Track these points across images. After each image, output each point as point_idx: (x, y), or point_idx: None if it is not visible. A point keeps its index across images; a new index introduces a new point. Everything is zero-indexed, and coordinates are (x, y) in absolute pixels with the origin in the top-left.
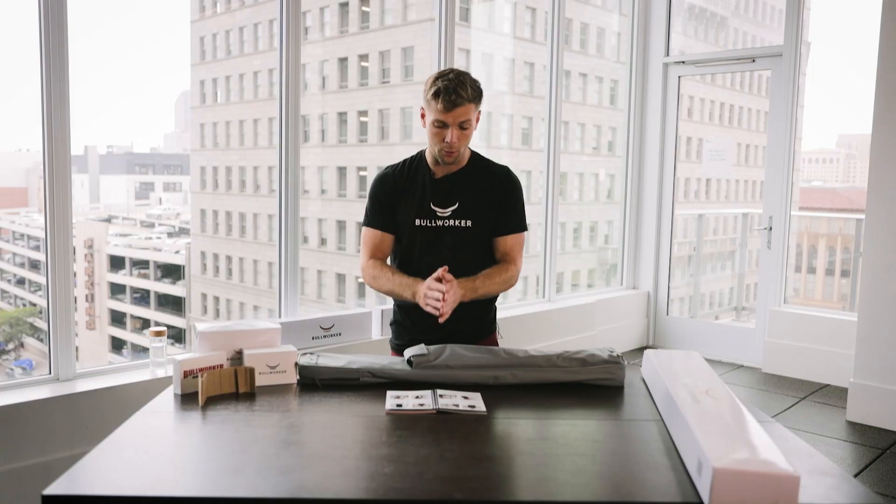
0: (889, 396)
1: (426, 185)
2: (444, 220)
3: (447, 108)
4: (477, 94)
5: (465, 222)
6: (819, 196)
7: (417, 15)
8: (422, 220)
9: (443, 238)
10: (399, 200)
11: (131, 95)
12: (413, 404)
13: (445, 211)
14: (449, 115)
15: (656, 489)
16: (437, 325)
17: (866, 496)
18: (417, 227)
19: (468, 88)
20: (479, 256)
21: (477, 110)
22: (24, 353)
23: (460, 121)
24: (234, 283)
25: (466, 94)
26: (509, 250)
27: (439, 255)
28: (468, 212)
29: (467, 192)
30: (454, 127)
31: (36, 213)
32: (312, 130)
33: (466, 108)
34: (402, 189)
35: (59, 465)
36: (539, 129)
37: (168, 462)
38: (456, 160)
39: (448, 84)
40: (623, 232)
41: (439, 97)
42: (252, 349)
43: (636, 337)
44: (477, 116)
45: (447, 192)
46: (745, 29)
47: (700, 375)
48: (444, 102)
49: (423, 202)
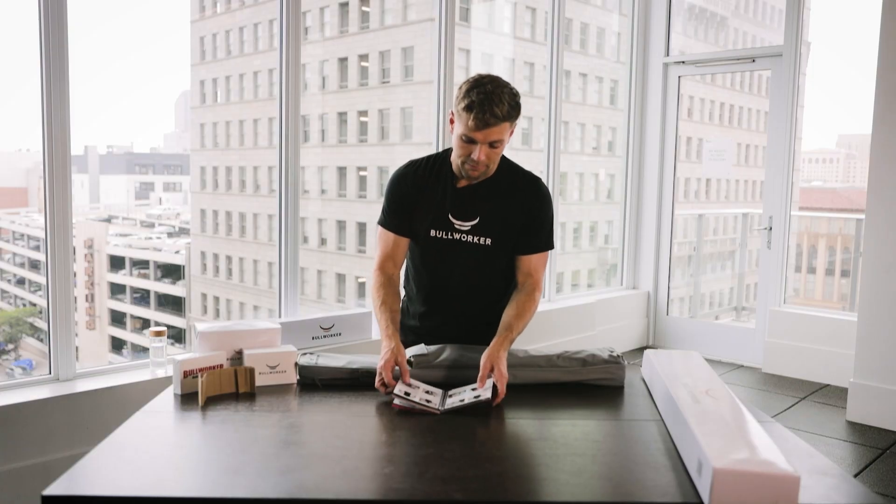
0: (889, 396)
1: (447, 193)
2: (462, 235)
3: (478, 127)
4: (514, 111)
5: (484, 240)
6: (819, 196)
7: (417, 15)
8: (437, 231)
9: (459, 253)
10: (417, 203)
11: (131, 95)
12: (421, 398)
13: (465, 225)
14: (479, 134)
15: (656, 489)
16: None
17: (866, 496)
18: (432, 238)
19: (505, 106)
20: (499, 275)
21: (512, 127)
22: (24, 353)
23: (491, 140)
24: (234, 283)
25: (502, 112)
26: (533, 271)
27: (454, 272)
28: (489, 229)
29: (491, 206)
30: (483, 145)
31: (36, 213)
32: (312, 130)
33: (500, 128)
34: (422, 190)
35: (59, 465)
36: (539, 129)
37: (168, 462)
38: (481, 178)
39: (483, 99)
40: (623, 232)
41: (472, 112)
42: (252, 349)
43: (636, 337)
44: (511, 131)
45: (469, 205)
46: (745, 29)
47: (700, 375)
48: (476, 120)
49: (441, 211)
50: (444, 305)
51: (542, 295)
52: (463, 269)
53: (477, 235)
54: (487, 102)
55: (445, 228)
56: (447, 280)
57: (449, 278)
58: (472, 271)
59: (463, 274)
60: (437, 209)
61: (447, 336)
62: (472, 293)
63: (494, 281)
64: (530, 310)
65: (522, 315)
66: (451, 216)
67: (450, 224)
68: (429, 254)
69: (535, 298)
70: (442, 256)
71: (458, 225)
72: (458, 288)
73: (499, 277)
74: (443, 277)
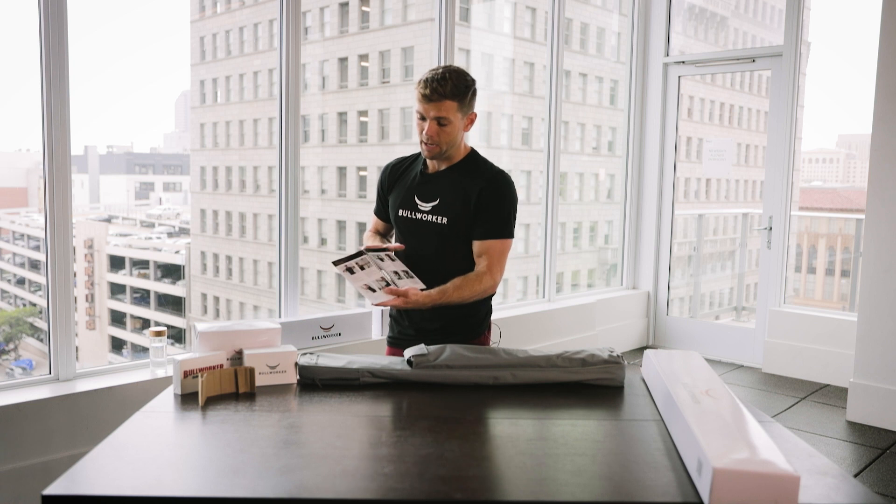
0: (889, 396)
1: (415, 178)
2: (423, 215)
3: (423, 99)
4: (459, 92)
5: (441, 219)
6: (819, 196)
7: (417, 15)
8: (404, 210)
9: (422, 232)
10: (393, 190)
11: (131, 95)
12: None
13: (426, 206)
14: (425, 107)
15: (656, 489)
16: (426, 320)
17: (866, 496)
18: (400, 217)
19: (448, 84)
20: (460, 255)
21: (461, 111)
22: (24, 353)
23: (436, 116)
24: (234, 283)
25: (445, 89)
26: (483, 256)
27: (420, 249)
28: (445, 209)
29: (449, 189)
30: (431, 120)
31: (36, 213)
32: (312, 130)
33: (443, 104)
34: (398, 179)
35: (59, 465)
36: (539, 129)
37: (168, 462)
38: (437, 156)
39: (431, 77)
40: (623, 232)
41: (419, 86)
42: (252, 349)
43: (636, 337)
44: (470, 118)
45: (432, 188)
46: (745, 29)
47: (700, 375)
48: (420, 93)
49: (408, 194)
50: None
51: (493, 283)
52: (427, 249)
53: (435, 215)
54: (433, 80)
55: (410, 208)
56: (417, 261)
57: (419, 260)
58: (435, 252)
59: (428, 255)
60: (406, 191)
61: (416, 316)
62: (437, 275)
63: (457, 264)
64: (470, 287)
65: (461, 287)
66: (416, 197)
67: (414, 204)
68: (400, 232)
69: (483, 281)
70: (408, 235)
71: (420, 205)
72: (425, 267)
73: (461, 258)
74: (411, 258)
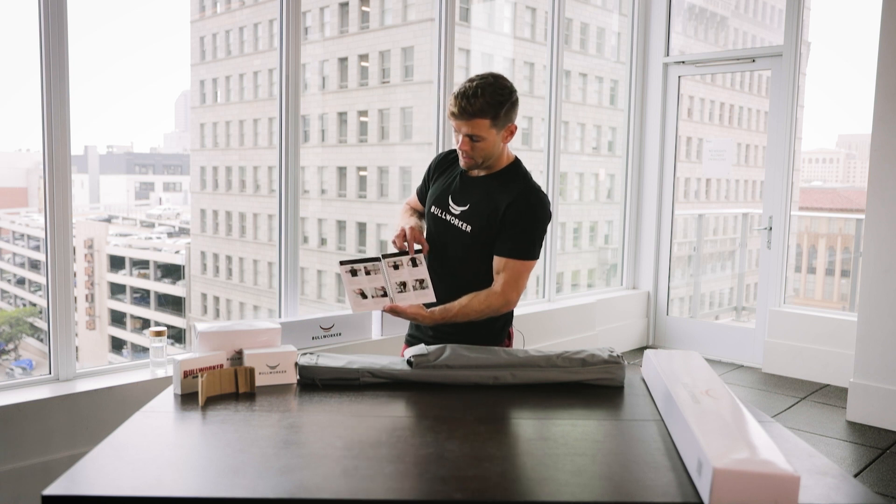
0: (889, 396)
1: (455, 179)
2: (452, 217)
3: (454, 115)
4: (491, 108)
5: (466, 226)
6: (819, 196)
7: (417, 15)
8: (436, 208)
9: (447, 234)
10: (436, 182)
11: (131, 95)
12: (377, 287)
13: (457, 209)
14: (457, 123)
15: (656, 489)
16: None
17: (866, 496)
18: (431, 214)
19: (479, 101)
20: (484, 264)
21: (496, 126)
22: (24, 353)
23: (468, 133)
24: (234, 283)
25: (475, 107)
26: (501, 274)
27: (445, 250)
28: (473, 217)
29: (481, 198)
30: (463, 135)
31: (36, 213)
32: (312, 130)
33: (475, 122)
34: (442, 172)
35: (59, 465)
36: (539, 129)
37: (168, 462)
38: (469, 167)
39: (465, 90)
40: (623, 232)
41: (453, 98)
42: (252, 349)
43: (636, 337)
44: (509, 129)
45: (466, 192)
46: (745, 29)
47: (700, 375)
48: (451, 110)
49: (444, 192)
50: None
51: (504, 302)
52: (451, 251)
53: (462, 221)
54: (465, 94)
55: (442, 207)
56: (441, 260)
57: (443, 260)
58: (458, 257)
59: (452, 257)
60: (443, 190)
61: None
62: (456, 280)
63: (480, 271)
64: (477, 308)
65: (467, 305)
66: (451, 198)
67: (447, 205)
68: (429, 227)
69: (491, 302)
70: (435, 233)
71: (452, 208)
72: (445, 268)
73: (484, 269)
74: (435, 258)
